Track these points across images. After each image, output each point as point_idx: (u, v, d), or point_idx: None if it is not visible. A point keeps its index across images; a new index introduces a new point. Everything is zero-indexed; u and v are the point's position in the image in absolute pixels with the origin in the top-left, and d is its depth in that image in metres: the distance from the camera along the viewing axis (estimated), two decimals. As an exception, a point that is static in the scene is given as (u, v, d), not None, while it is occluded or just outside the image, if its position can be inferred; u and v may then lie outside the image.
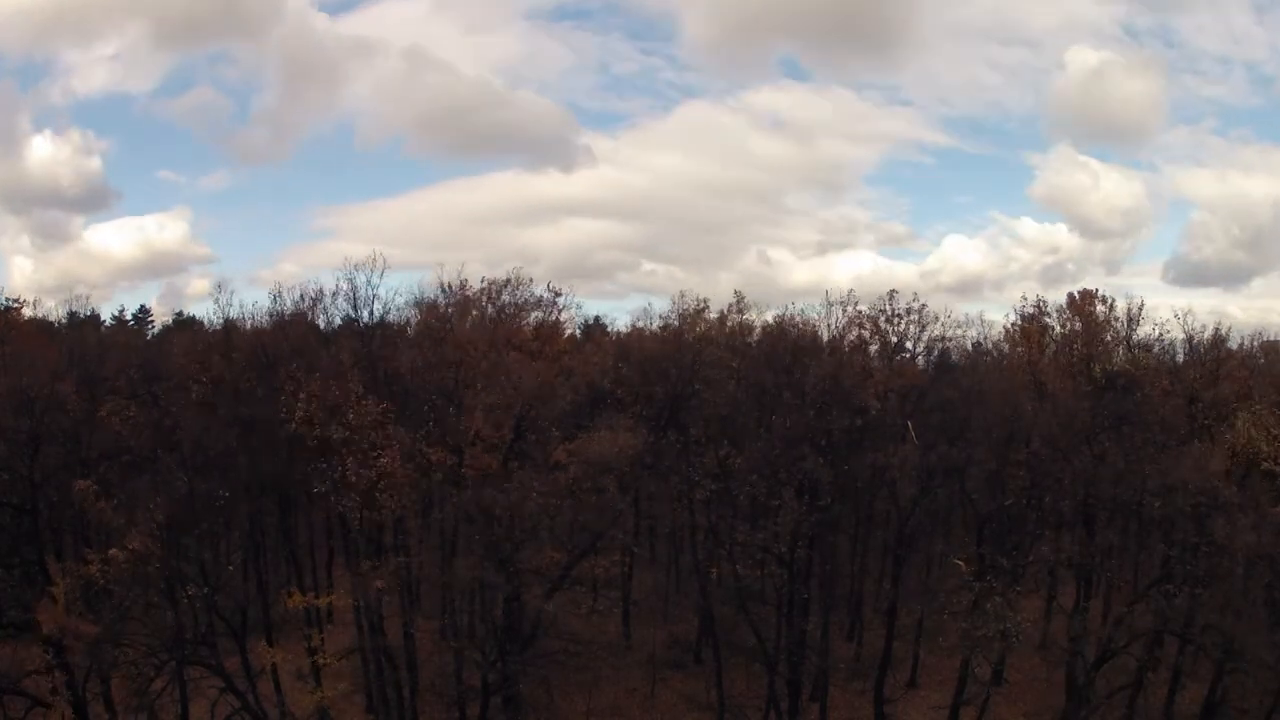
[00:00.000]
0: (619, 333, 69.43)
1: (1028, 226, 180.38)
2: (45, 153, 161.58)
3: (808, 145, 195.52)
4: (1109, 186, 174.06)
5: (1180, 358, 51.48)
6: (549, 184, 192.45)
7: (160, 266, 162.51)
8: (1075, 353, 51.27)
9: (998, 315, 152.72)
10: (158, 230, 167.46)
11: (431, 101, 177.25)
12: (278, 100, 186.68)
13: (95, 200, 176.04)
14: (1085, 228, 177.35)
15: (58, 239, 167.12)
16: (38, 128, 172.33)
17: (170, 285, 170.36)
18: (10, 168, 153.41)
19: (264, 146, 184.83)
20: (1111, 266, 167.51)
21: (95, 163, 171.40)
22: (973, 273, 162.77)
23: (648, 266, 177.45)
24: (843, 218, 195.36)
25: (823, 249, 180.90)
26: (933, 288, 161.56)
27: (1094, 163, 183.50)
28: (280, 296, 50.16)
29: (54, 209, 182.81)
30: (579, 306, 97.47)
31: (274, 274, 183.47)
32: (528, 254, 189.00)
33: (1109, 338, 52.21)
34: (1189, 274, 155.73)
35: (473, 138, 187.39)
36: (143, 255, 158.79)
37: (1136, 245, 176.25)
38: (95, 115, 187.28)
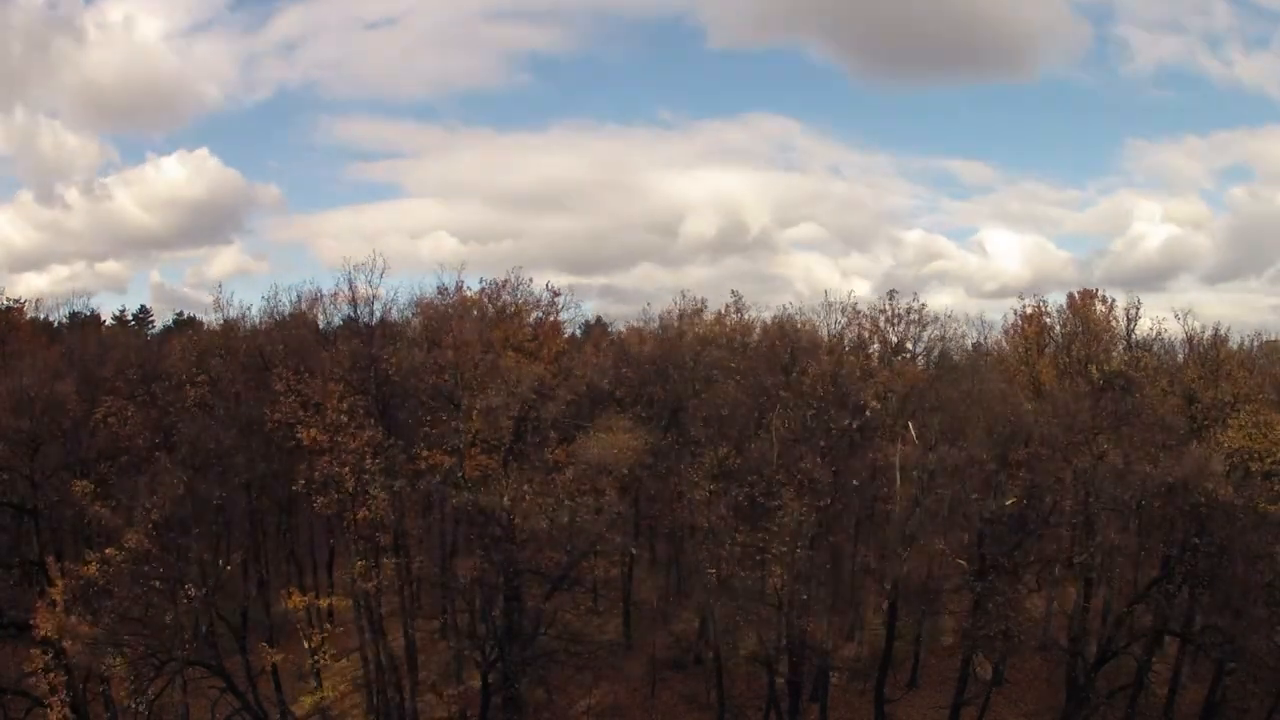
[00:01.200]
0: (619, 333, 69.35)
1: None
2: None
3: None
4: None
5: (1180, 358, 51.53)
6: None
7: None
8: (1074, 353, 51.21)
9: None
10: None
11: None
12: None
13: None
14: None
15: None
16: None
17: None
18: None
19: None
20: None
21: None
22: (1157, 257, 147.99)
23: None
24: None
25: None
26: (1096, 278, 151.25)
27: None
28: (277, 297, 50.48)
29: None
30: (578, 305, 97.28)
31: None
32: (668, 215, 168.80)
33: (1108, 338, 52.20)
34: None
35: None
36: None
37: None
38: None
